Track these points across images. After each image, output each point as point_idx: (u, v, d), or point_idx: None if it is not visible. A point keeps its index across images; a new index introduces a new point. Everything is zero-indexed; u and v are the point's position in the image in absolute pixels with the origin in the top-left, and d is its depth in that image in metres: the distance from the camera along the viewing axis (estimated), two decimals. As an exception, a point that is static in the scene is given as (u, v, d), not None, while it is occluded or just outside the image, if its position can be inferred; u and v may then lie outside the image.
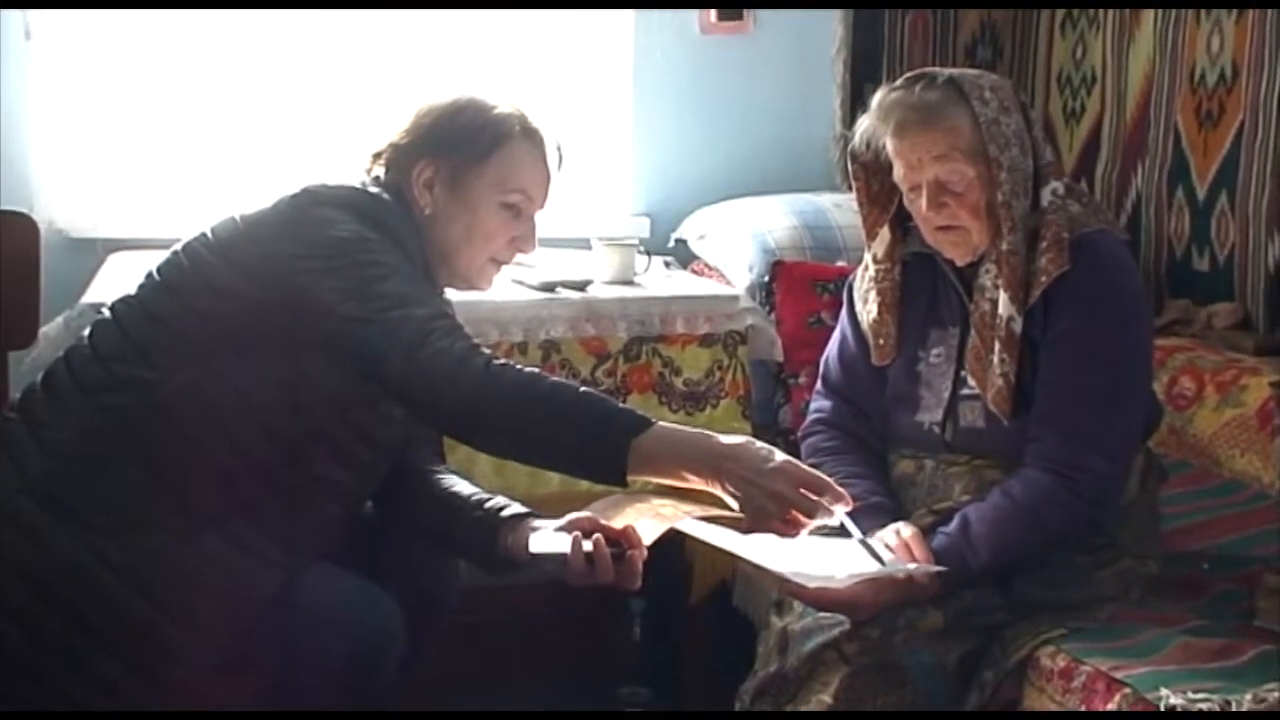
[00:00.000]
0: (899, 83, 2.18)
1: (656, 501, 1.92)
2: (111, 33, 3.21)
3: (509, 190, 2.02)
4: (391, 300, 1.81)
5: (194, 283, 1.89)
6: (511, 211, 2.03)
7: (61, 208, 3.18)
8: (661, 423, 1.77)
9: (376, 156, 2.04)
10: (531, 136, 2.03)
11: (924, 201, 2.13)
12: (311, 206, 1.90)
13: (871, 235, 2.29)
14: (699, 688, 2.90)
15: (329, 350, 1.84)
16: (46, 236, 2.40)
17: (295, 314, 1.83)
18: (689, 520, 1.87)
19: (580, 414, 1.76)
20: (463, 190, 2.00)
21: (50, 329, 2.42)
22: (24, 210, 2.39)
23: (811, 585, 1.94)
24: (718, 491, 1.76)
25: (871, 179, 2.25)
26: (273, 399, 1.86)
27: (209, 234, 1.92)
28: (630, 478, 1.76)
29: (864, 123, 2.21)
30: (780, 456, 1.78)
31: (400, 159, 2.01)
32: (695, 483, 1.76)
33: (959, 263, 2.19)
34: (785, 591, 2.09)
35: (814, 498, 1.76)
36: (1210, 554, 2.36)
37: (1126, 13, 3.29)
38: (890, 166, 2.18)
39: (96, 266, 2.89)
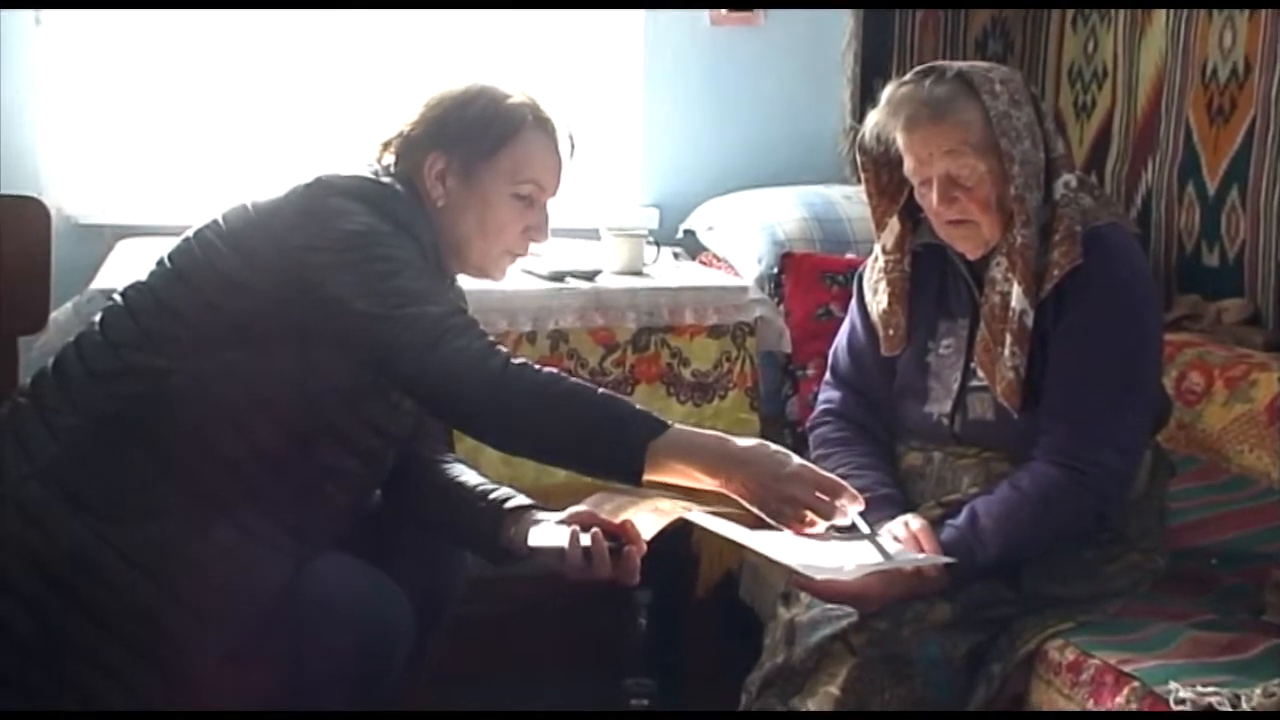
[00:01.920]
0: (909, 77, 2.17)
1: (655, 497, 1.92)
2: (121, 20, 3.22)
3: (521, 181, 2.01)
4: (405, 296, 1.81)
5: (206, 272, 1.89)
6: (524, 202, 2.02)
7: (70, 194, 3.18)
8: (678, 425, 1.78)
9: (386, 145, 2.03)
10: (543, 126, 2.03)
11: (935, 196, 2.12)
12: (324, 197, 1.89)
13: (881, 226, 2.29)
14: (705, 679, 2.89)
15: (341, 344, 1.83)
16: (55, 223, 2.40)
17: (307, 307, 1.82)
18: (694, 513, 1.88)
19: (599, 416, 1.77)
20: (475, 182, 1.99)
21: (59, 314, 2.42)
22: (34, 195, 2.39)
23: (820, 577, 1.93)
24: (732, 495, 1.77)
25: (881, 171, 2.24)
26: (283, 390, 1.85)
27: (221, 222, 1.92)
28: (646, 478, 1.77)
29: (874, 117, 2.20)
30: (796, 460, 1.80)
31: (411, 150, 2.00)
32: (710, 485, 1.77)
33: (971, 256, 2.19)
34: (794, 583, 2.08)
35: (829, 500, 1.78)
36: (1218, 549, 2.35)
37: (1138, 8, 3.28)
38: (900, 160, 2.17)
39: (105, 253, 2.89)
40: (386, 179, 1.96)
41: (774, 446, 1.81)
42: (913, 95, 2.14)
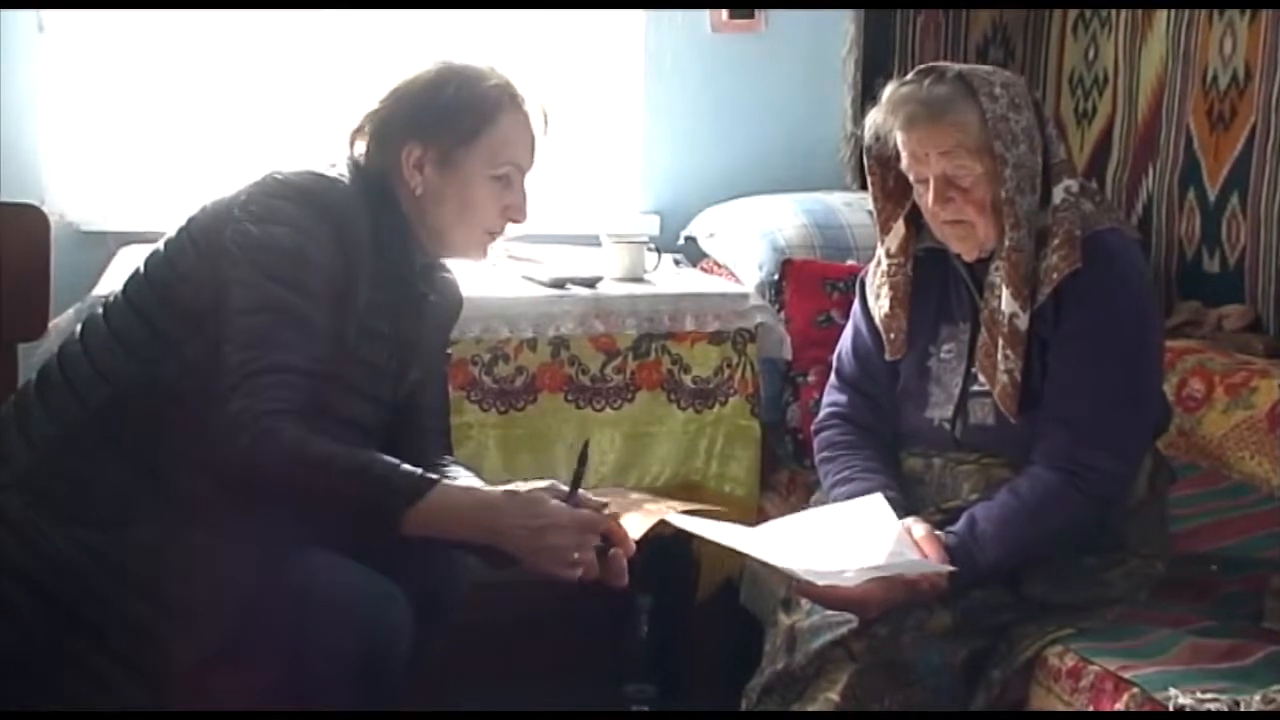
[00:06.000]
0: (909, 77, 2.18)
1: (636, 497, 1.92)
2: (123, 27, 3.22)
3: (499, 164, 1.99)
4: (248, 338, 1.80)
5: (164, 270, 1.91)
6: (502, 182, 2.00)
7: (72, 201, 3.19)
8: (444, 483, 1.79)
9: (357, 133, 2.02)
10: (518, 105, 2.01)
11: (930, 195, 2.13)
12: (266, 198, 1.89)
13: (885, 229, 2.29)
14: (705, 685, 2.89)
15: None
16: (57, 230, 2.41)
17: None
18: (675, 515, 1.88)
19: (359, 482, 1.78)
20: (453, 169, 1.97)
21: (60, 321, 2.43)
22: (35, 203, 2.40)
23: (821, 583, 1.94)
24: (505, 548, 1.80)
25: (887, 173, 2.24)
26: None
27: (186, 225, 1.94)
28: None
29: (874, 116, 2.20)
30: (550, 505, 1.80)
31: (386, 138, 1.99)
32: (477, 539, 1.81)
33: (968, 258, 2.19)
34: (794, 590, 2.08)
35: (594, 538, 1.81)
36: (1218, 556, 2.35)
37: (1139, 13, 3.28)
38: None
39: (107, 260, 2.89)
40: (334, 173, 1.95)
41: (525, 492, 1.82)
42: (912, 95, 2.14)
